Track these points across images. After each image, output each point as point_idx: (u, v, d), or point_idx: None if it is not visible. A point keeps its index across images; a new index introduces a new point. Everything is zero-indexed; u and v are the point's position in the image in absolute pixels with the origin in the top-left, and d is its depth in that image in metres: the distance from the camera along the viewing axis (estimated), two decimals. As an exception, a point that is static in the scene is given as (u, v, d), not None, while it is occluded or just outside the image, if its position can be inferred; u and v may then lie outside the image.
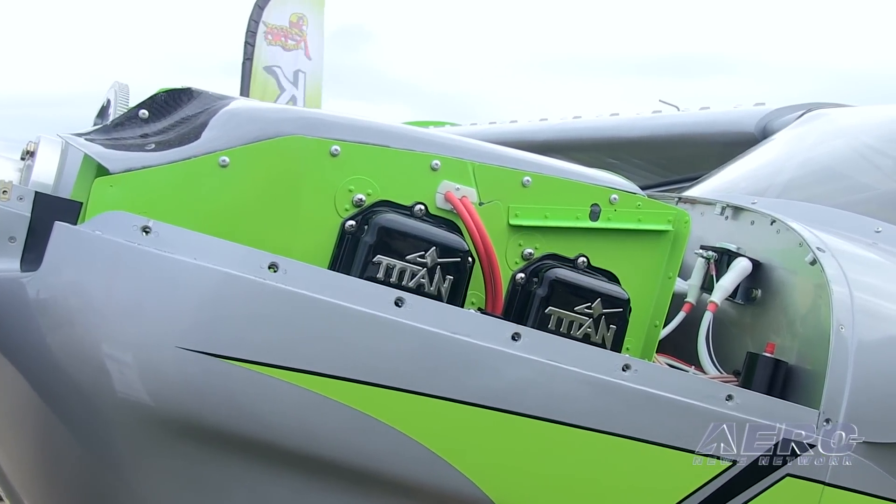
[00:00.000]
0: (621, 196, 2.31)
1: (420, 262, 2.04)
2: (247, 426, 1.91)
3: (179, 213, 1.95)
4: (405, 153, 2.13)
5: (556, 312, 2.18)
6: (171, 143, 2.05)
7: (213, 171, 1.99)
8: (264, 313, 1.88)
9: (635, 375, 2.12)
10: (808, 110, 4.20)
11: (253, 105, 2.23)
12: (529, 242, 2.24)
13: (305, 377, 1.89)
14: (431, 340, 1.96)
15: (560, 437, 2.07)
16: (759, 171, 3.69)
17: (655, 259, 2.36)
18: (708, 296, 2.64)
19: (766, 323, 2.60)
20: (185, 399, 1.88)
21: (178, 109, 2.17)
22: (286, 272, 1.88)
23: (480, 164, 2.19)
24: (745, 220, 2.84)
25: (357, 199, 2.08)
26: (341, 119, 2.12)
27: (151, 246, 1.84)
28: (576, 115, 6.21)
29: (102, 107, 2.51)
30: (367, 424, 1.94)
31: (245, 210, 2.02)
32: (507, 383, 2.03)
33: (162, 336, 1.85)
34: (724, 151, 4.33)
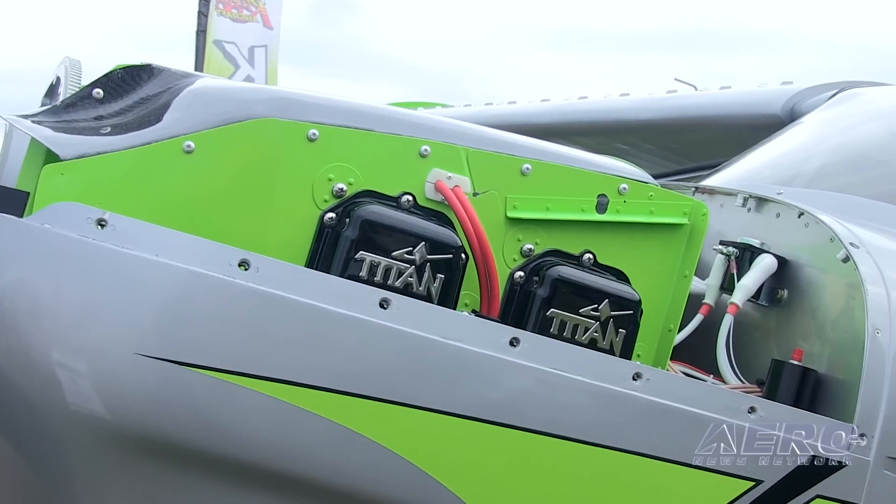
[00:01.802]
0: (631, 186, 2.32)
1: (408, 259, 2.06)
2: (214, 442, 1.92)
3: (139, 204, 1.96)
4: (391, 138, 2.14)
5: (559, 315, 2.19)
6: (130, 126, 2.05)
7: (176, 158, 2.00)
8: (233, 316, 1.89)
9: (647, 385, 2.14)
10: (842, 89, 4.22)
11: (221, 84, 2.24)
12: (529, 237, 2.25)
13: (280, 387, 1.90)
14: (420, 346, 1.98)
15: (563, 454, 2.09)
16: (785, 157, 3.70)
17: (669, 256, 2.38)
18: (728, 296, 2.66)
19: (793, 327, 2.62)
20: (146, 412, 1.89)
21: (136, 89, 2.18)
22: (258, 270, 1.89)
23: (475, 149, 2.20)
24: (770, 213, 2.86)
25: (337, 189, 2.09)
26: (320, 99, 2.14)
27: (107, 241, 1.84)
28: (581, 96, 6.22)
29: (51, 85, 2.52)
30: (349, 440, 1.95)
31: (212, 201, 2.03)
32: (504, 394, 2.04)
33: (119, 342, 1.86)
34: (747, 136, 4.34)
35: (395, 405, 1.97)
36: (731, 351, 2.57)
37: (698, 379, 2.52)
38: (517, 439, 2.05)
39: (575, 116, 5.89)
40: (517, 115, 6.38)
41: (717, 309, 2.69)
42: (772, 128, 4.21)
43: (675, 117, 5.33)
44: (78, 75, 2.37)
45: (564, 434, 2.08)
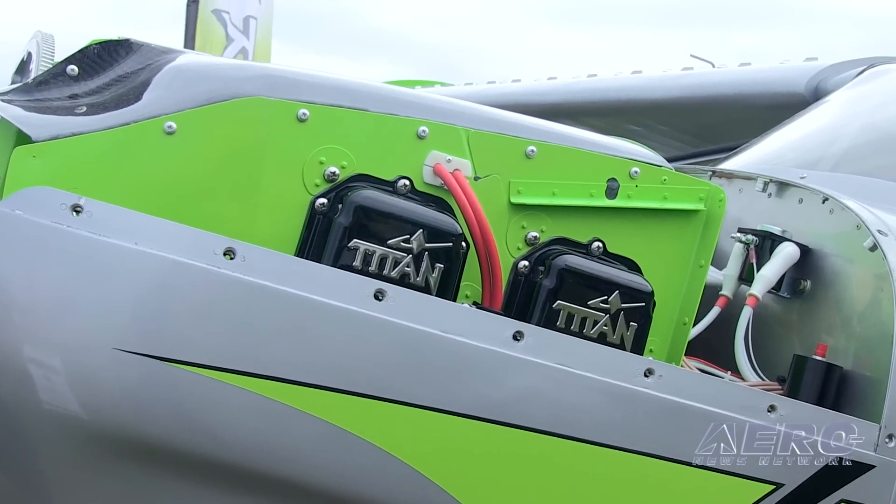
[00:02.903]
0: (644, 169, 2.33)
1: (404, 248, 2.06)
2: (198, 443, 1.93)
3: (117, 188, 1.97)
4: (386, 118, 2.15)
5: (566, 307, 2.20)
6: (107, 105, 2.06)
7: (156, 139, 2.00)
8: (218, 309, 1.89)
9: (660, 382, 2.15)
10: (870, 66, 4.22)
11: (204, 60, 2.24)
12: (534, 224, 2.26)
13: (268, 384, 1.91)
14: (418, 340, 1.98)
15: (569, 456, 2.10)
16: (809, 139, 3.71)
17: (684, 244, 2.39)
18: (747, 288, 2.67)
19: (817, 320, 2.63)
20: (124, 410, 1.89)
21: (114, 65, 2.18)
22: (244, 259, 1.90)
23: (476, 130, 2.21)
24: (793, 198, 2.87)
25: (329, 173, 2.10)
26: (311, 77, 2.14)
27: (83, 228, 1.85)
28: (591, 73, 6.23)
29: (22, 61, 2.52)
30: (341, 440, 1.96)
31: (195, 185, 2.03)
32: (506, 391, 2.05)
33: (96, 336, 1.86)
34: (768, 116, 4.35)
35: (391, 403, 1.98)
36: (750, 346, 2.58)
37: (715, 376, 2.53)
38: (521, 440, 2.06)
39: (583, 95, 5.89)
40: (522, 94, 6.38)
41: (736, 301, 2.70)
42: (794, 107, 4.21)
43: (690, 96, 5.33)
44: (51, 51, 2.37)
45: (571, 434, 2.09)
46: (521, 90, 6.57)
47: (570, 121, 4.40)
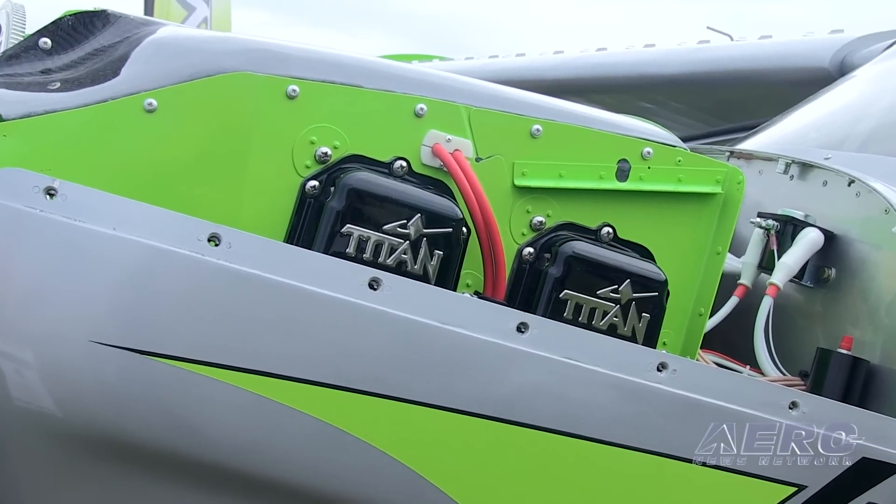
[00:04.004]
0: (657, 150, 2.33)
1: (401, 234, 2.07)
2: (181, 442, 1.94)
3: (93, 170, 1.97)
4: (382, 95, 2.15)
5: (574, 297, 2.21)
6: (82, 81, 2.06)
7: (136, 118, 2.00)
8: (202, 298, 1.90)
9: (674, 377, 2.15)
10: (900, 39, 4.23)
11: (187, 33, 2.24)
12: (540, 208, 2.27)
13: (255, 379, 1.92)
14: (415, 332, 1.99)
15: (577, 455, 2.10)
16: (834, 117, 3.71)
17: (700, 230, 2.39)
18: (768, 276, 2.67)
19: (842, 311, 2.63)
20: (102, 407, 1.90)
21: (89, 38, 2.18)
22: (230, 246, 1.90)
23: (478, 108, 2.21)
24: (816, 181, 2.87)
25: (320, 154, 2.10)
26: (300, 51, 2.14)
27: (58, 213, 1.85)
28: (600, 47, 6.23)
29: (-9, 34, 2.52)
30: (334, 439, 1.97)
31: (177, 167, 2.04)
32: (510, 387, 2.06)
33: (71, 328, 1.87)
34: (790, 92, 4.35)
35: (387, 399, 1.98)
36: (771, 339, 2.59)
37: (732, 370, 2.54)
38: (524, 439, 2.07)
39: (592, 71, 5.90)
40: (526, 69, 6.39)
41: (755, 291, 2.70)
42: (818, 83, 4.21)
43: (707, 71, 5.33)
44: (21, 22, 2.37)
45: (578, 433, 2.10)
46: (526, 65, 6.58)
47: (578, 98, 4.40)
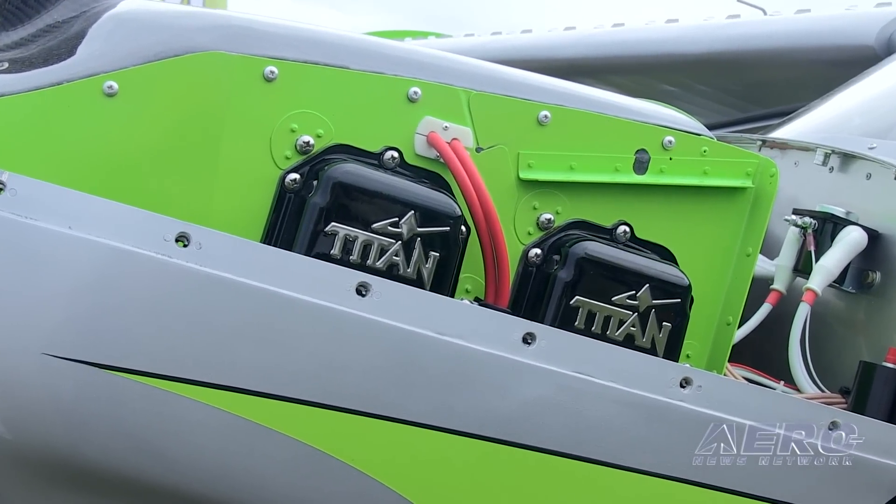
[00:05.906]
0: (680, 139, 2.34)
1: (392, 233, 2.07)
2: (145, 467, 1.94)
3: (46, 162, 1.97)
4: (371, 77, 2.15)
5: (586, 304, 2.22)
6: (33, 61, 2.06)
7: (94, 102, 2.01)
8: (169, 306, 1.90)
9: (699, 394, 2.16)
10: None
11: (152, 8, 2.24)
12: (548, 205, 2.27)
13: (229, 396, 1.92)
14: (409, 344, 1.99)
15: (591, 481, 2.11)
16: (880, 101, 3.71)
17: (728, 229, 2.40)
18: (804, 281, 2.67)
19: (888, 320, 2.64)
20: (56, 428, 1.90)
21: (41, 13, 2.18)
22: (200, 247, 1.90)
23: (478, 92, 2.22)
24: (859, 173, 2.88)
25: (302, 143, 2.11)
26: (280, 28, 2.15)
27: (6, 209, 1.85)
28: (616, 23, 6.23)
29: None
30: (318, 463, 1.97)
31: (141, 158, 2.04)
32: (515, 405, 2.06)
33: (21, 339, 1.87)
34: (830, 73, 4.35)
35: (377, 419, 1.99)
36: (808, 351, 2.59)
37: (765, 386, 2.54)
38: (531, 463, 2.07)
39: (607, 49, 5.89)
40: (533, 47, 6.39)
41: (790, 297, 2.71)
42: (863, 63, 4.21)
43: (737, 50, 5.33)
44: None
45: (592, 456, 2.10)
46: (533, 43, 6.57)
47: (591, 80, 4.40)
